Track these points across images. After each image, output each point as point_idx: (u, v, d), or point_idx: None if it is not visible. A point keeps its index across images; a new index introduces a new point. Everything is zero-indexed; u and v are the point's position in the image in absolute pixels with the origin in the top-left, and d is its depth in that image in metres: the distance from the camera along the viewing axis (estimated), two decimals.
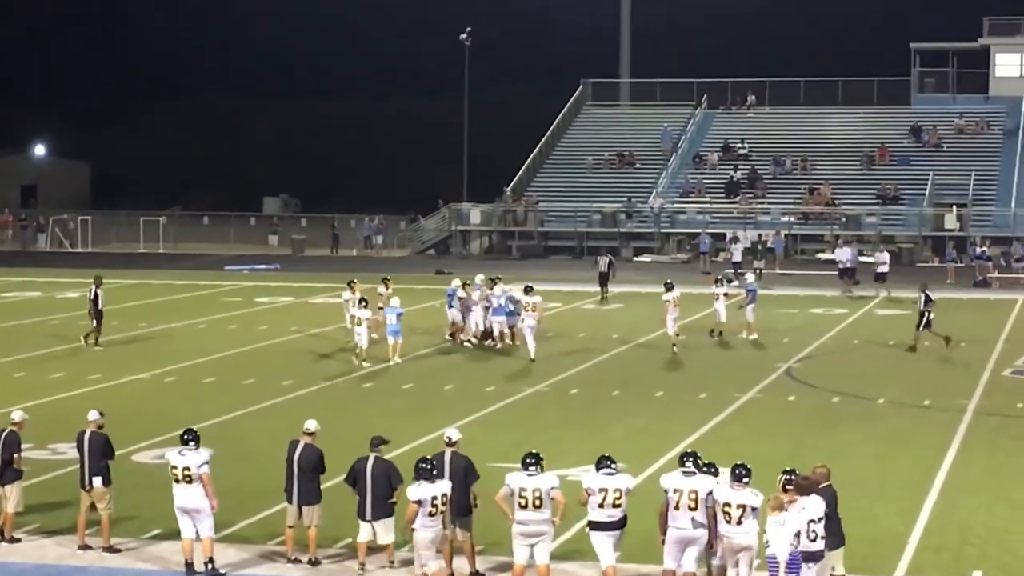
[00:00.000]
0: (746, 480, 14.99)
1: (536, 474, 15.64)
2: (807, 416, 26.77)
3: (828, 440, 24.24)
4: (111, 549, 17.47)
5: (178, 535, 16.93)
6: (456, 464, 16.49)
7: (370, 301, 33.66)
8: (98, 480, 17.58)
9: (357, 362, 32.15)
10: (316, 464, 17.11)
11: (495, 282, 35.95)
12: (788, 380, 31.02)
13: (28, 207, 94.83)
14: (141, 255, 68.90)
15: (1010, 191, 66.98)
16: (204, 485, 16.65)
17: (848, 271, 49.12)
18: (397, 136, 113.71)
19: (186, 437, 16.94)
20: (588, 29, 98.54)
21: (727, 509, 14.96)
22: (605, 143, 75.92)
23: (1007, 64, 75.64)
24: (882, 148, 71.98)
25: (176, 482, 16.71)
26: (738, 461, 15.29)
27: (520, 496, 15.54)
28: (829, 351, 35.66)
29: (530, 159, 74.72)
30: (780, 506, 14.37)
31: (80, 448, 17.78)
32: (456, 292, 35.75)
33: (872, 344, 36.54)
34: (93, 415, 18.00)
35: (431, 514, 15.75)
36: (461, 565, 16.56)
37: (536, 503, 15.52)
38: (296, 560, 17.01)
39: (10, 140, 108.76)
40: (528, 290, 34.09)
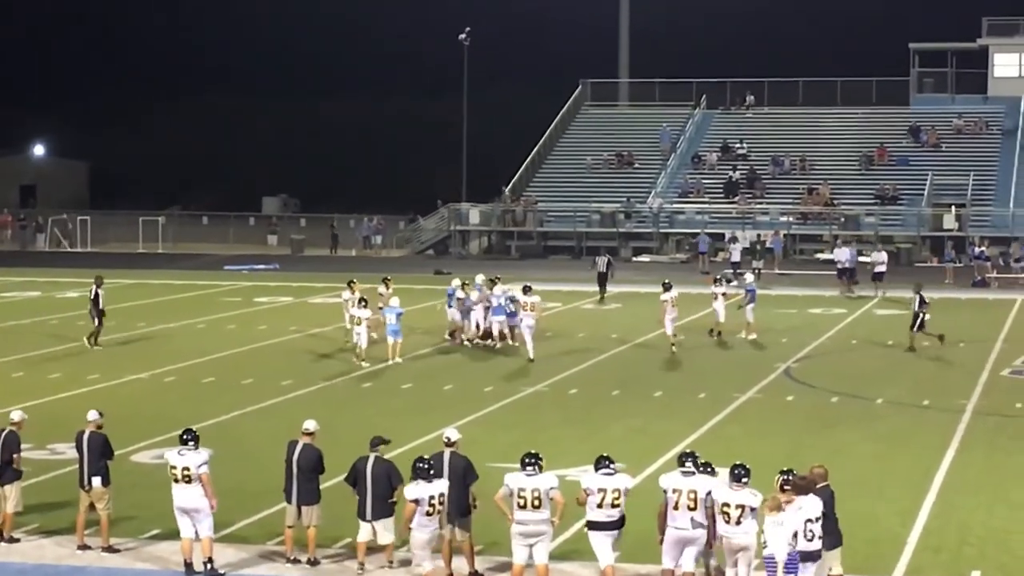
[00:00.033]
0: (745, 480, 15.01)
1: (535, 474, 15.65)
2: (806, 416, 26.77)
3: (827, 440, 24.25)
4: (110, 549, 17.48)
5: (177, 535, 16.94)
6: (455, 464, 16.50)
7: (370, 301, 33.67)
8: (97, 480, 17.59)
9: (357, 362, 32.17)
10: (315, 464, 17.12)
11: (495, 282, 35.98)
12: (787, 380, 31.03)
13: (27, 207, 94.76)
14: (140, 255, 68.86)
15: (1008, 191, 66.97)
16: (203, 485, 16.66)
17: (847, 271, 49.12)
18: (396, 136, 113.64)
19: (185, 437, 16.97)
20: (588, 29, 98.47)
21: (726, 509, 14.97)
22: (604, 143, 75.88)
23: (1006, 64, 75.60)
24: (881, 148, 71.96)
25: (175, 482, 16.73)
26: (737, 461, 15.31)
27: (519, 496, 15.55)
28: (828, 351, 35.67)
29: (529, 159, 74.67)
30: (778, 506, 14.38)
31: (79, 448, 17.80)
32: (455, 292, 35.78)
33: (871, 344, 36.55)
34: (92, 415, 18.01)
35: (428, 513, 15.75)
36: (460, 565, 16.57)
37: (535, 503, 15.53)
38: (295, 560, 17.02)
39: (9, 140, 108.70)
40: (527, 290, 34.10)
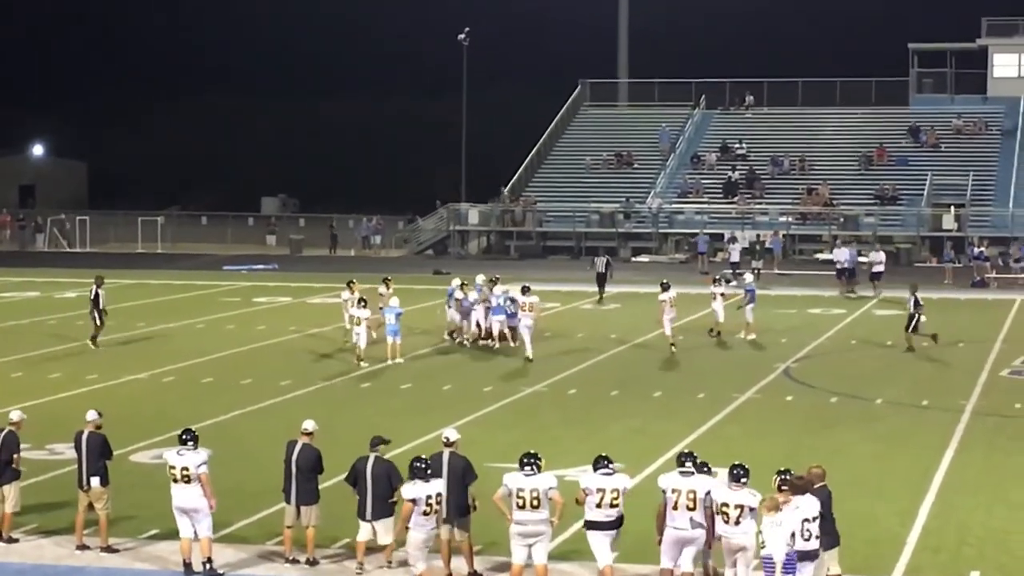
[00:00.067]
0: (744, 480, 15.01)
1: (534, 474, 15.64)
2: (805, 416, 26.77)
3: (826, 440, 24.26)
4: (109, 549, 17.48)
5: (176, 535, 16.94)
6: (454, 464, 16.50)
7: (370, 301, 33.66)
8: (96, 480, 17.59)
9: (356, 362, 32.16)
10: (314, 464, 17.12)
11: (495, 282, 35.99)
12: (786, 380, 31.03)
13: (26, 207, 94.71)
14: (139, 255, 68.84)
15: (1008, 191, 66.96)
16: (202, 485, 16.66)
17: (846, 271, 49.10)
18: (396, 136, 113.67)
19: (184, 437, 16.97)
20: (587, 29, 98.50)
21: (725, 509, 14.97)
22: (603, 143, 75.85)
23: (1005, 64, 75.59)
24: (880, 148, 71.95)
25: (174, 482, 16.73)
26: (736, 461, 15.31)
27: (518, 496, 15.55)
28: (827, 351, 35.67)
29: (528, 159, 74.66)
30: (776, 507, 14.37)
31: (78, 448, 17.79)
32: (454, 292, 35.79)
33: (870, 344, 36.55)
34: (91, 415, 18.01)
35: (425, 513, 15.75)
36: (459, 565, 16.56)
37: (534, 503, 15.52)
38: (294, 560, 17.01)
39: (8, 140, 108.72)
40: (525, 290, 34.10)
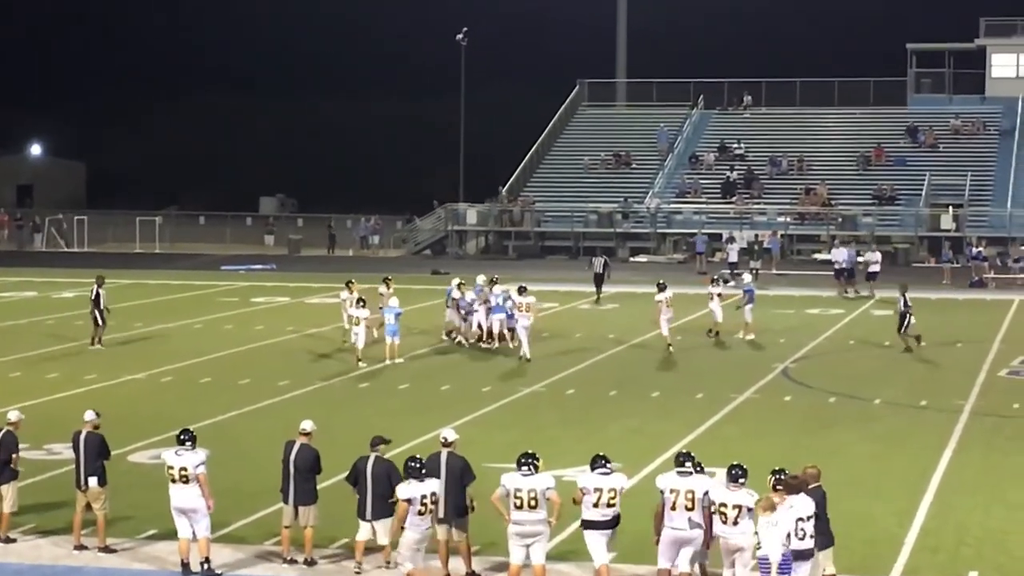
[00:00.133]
0: (742, 481, 15.00)
1: (531, 474, 15.64)
2: (803, 416, 26.77)
3: (824, 440, 24.26)
4: (107, 549, 17.47)
5: (174, 535, 16.93)
6: (452, 464, 16.49)
7: (369, 301, 33.65)
8: (94, 480, 17.58)
9: (357, 362, 32.13)
10: (312, 464, 17.11)
11: (494, 282, 36.02)
12: (784, 380, 31.03)
13: (24, 207, 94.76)
14: (137, 255, 68.80)
15: (1006, 191, 66.99)
16: (200, 485, 16.66)
17: (845, 272, 49.08)
18: (395, 136, 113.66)
19: (182, 437, 16.96)
20: (587, 29, 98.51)
21: (723, 510, 14.96)
22: (601, 143, 75.85)
23: (1003, 65, 75.63)
24: (878, 148, 71.96)
25: (173, 482, 16.72)
26: (734, 461, 15.30)
27: (516, 496, 15.55)
28: (825, 351, 35.67)
29: (526, 159, 74.66)
30: (771, 507, 14.37)
31: (76, 448, 17.78)
32: (451, 292, 35.82)
33: (868, 344, 36.55)
34: (89, 415, 18.00)
35: (420, 513, 15.76)
36: (457, 566, 16.56)
37: (532, 503, 15.52)
38: (292, 560, 17.01)
39: (7, 140, 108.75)
40: (522, 290, 34.08)
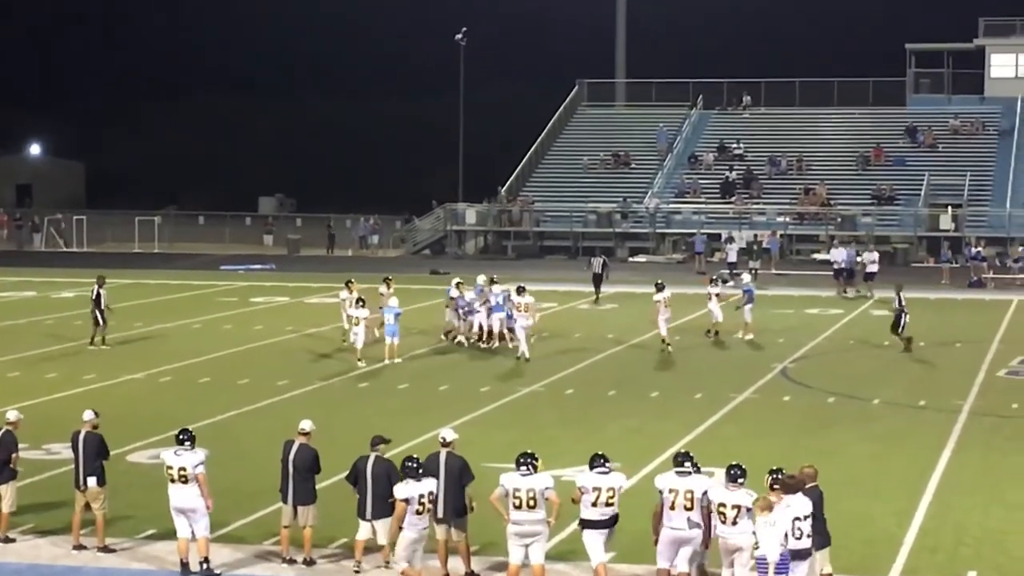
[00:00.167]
0: (741, 480, 15.00)
1: (530, 474, 15.64)
2: (802, 416, 26.77)
3: (823, 440, 24.26)
4: (106, 549, 17.48)
5: (173, 535, 16.93)
6: (451, 464, 16.50)
7: (368, 301, 33.65)
8: (93, 480, 17.58)
9: (357, 361, 32.13)
10: (311, 464, 17.11)
11: (494, 281, 36.06)
12: (783, 380, 31.03)
13: (23, 207, 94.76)
14: (136, 255, 68.78)
15: (1005, 191, 67.00)
16: (200, 485, 16.66)
17: (844, 272, 49.07)
18: (394, 136, 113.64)
19: (181, 437, 16.97)
20: (586, 29, 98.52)
21: (722, 509, 14.97)
22: (601, 143, 75.85)
23: (1002, 65, 75.64)
24: (877, 148, 71.97)
25: (172, 482, 16.72)
26: (733, 461, 15.31)
27: (514, 496, 15.55)
28: (824, 351, 35.67)
29: (525, 159, 74.65)
30: (769, 507, 14.38)
31: (75, 448, 17.78)
32: (450, 291, 35.85)
33: (867, 344, 36.56)
34: (88, 415, 18.00)
35: (418, 512, 15.77)
36: (456, 566, 16.56)
37: (530, 503, 15.53)
38: (291, 560, 17.01)
39: (6, 140, 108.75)
40: (520, 291, 34.10)
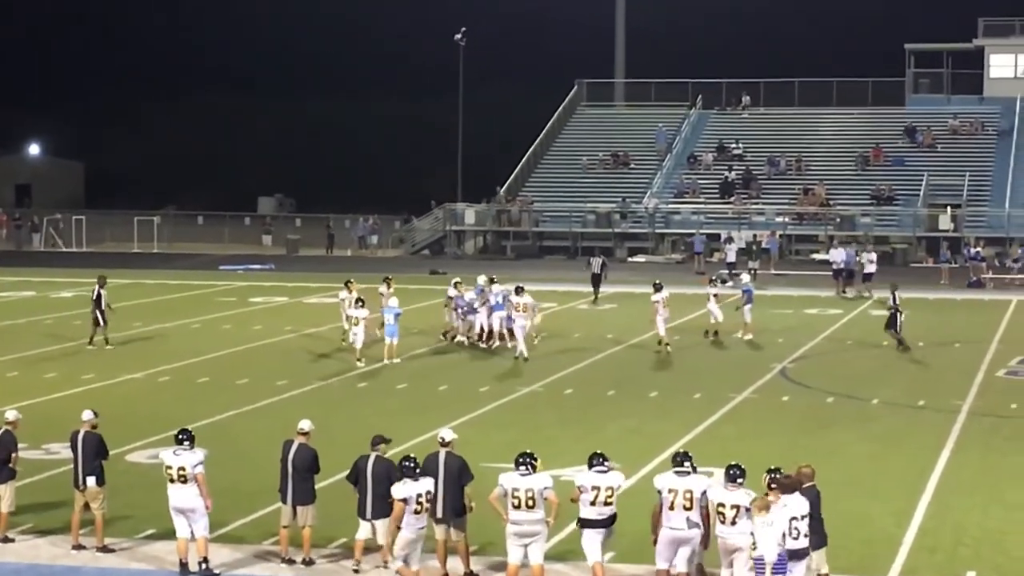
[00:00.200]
0: (740, 480, 15.00)
1: (529, 474, 15.64)
2: (801, 416, 26.77)
3: (822, 440, 24.27)
4: (105, 549, 17.48)
5: (172, 535, 16.93)
6: (450, 464, 16.50)
7: (368, 301, 33.64)
8: (92, 480, 17.58)
9: (355, 361, 32.12)
10: (310, 464, 17.11)
11: (493, 281, 36.09)
12: (782, 380, 31.04)
13: (22, 206, 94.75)
14: (135, 255, 68.77)
15: (1004, 192, 67.02)
16: (199, 485, 16.66)
17: (843, 272, 49.05)
18: (394, 136, 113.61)
19: (180, 437, 16.97)
20: (585, 29, 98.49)
21: (721, 509, 14.97)
22: (600, 143, 75.86)
23: (1001, 65, 75.68)
24: (876, 149, 71.98)
25: (171, 482, 16.72)
26: (732, 461, 15.30)
27: (513, 496, 15.56)
28: (823, 351, 35.68)
29: (525, 159, 74.67)
30: (766, 507, 14.37)
31: (74, 448, 17.78)
32: (449, 291, 35.88)
33: (866, 345, 36.56)
34: (87, 415, 18.00)
35: (416, 511, 15.77)
36: (456, 566, 16.56)
37: (529, 503, 15.53)
38: (290, 560, 17.01)
39: (5, 140, 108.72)
40: (519, 291, 34.12)
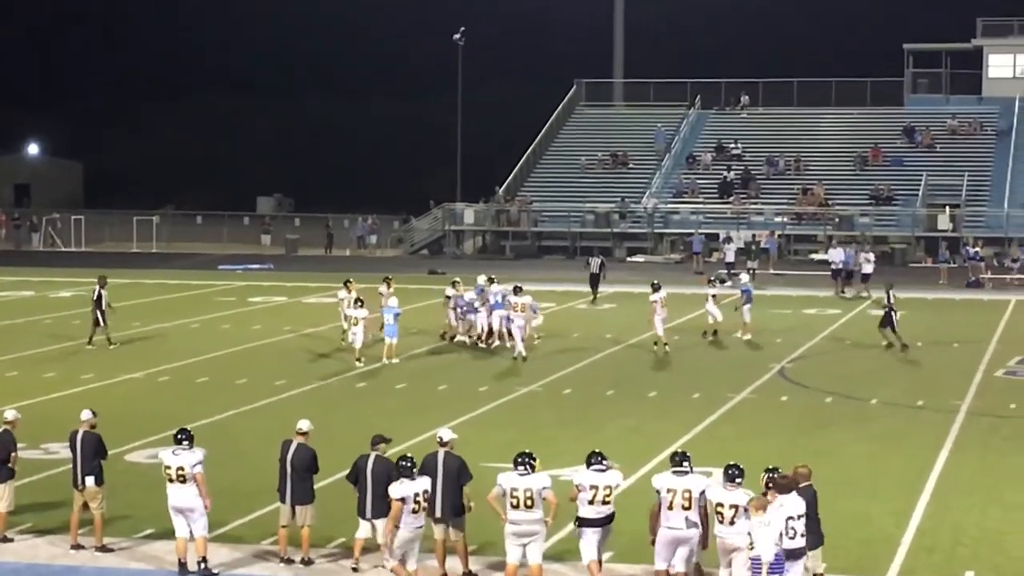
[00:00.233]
0: (739, 480, 15.02)
1: (528, 474, 15.65)
2: (800, 416, 26.79)
3: (821, 440, 24.28)
4: (104, 549, 17.48)
5: (171, 534, 16.94)
6: (449, 464, 16.51)
7: (367, 301, 33.65)
8: (91, 479, 17.59)
9: (355, 361, 32.13)
10: (309, 464, 17.12)
11: (493, 281, 36.11)
12: (781, 380, 31.05)
13: (21, 206, 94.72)
14: (134, 255, 68.75)
15: (1003, 192, 67.01)
16: (198, 485, 16.67)
17: (842, 272, 49.05)
18: (393, 136, 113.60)
19: (179, 437, 16.98)
20: (584, 29, 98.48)
21: (720, 509, 14.98)
22: (598, 143, 75.85)
23: (1000, 65, 75.67)
24: (875, 149, 71.98)
25: (170, 482, 16.73)
26: (731, 461, 15.32)
27: (512, 496, 15.57)
28: (822, 351, 35.69)
29: (523, 159, 74.66)
30: (763, 507, 14.39)
31: (73, 447, 17.78)
32: (447, 291, 35.90)
33: (865, 345, 36.55)
34: (86, 414, 18.00)
35: (414, 511, 15.79)
36: (454, 565, 16.57)
37: (528, 503, 15.54)
38: (289, 560, 17.02)
39: (5, 139, 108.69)
40: (517, 290, 34.14)
